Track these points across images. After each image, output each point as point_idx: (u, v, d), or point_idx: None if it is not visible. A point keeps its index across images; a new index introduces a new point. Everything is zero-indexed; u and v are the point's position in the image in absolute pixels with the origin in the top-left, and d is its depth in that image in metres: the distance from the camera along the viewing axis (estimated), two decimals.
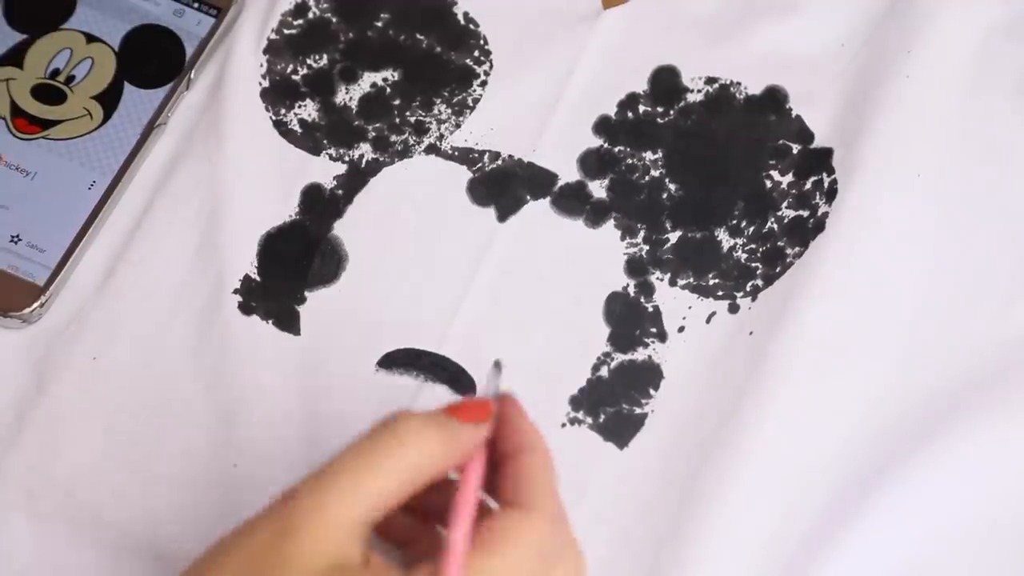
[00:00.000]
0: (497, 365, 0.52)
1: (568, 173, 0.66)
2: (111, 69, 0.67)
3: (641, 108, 0.67)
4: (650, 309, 0.64)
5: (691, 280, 0.64)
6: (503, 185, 0.66)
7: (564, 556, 0.49)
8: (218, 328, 0.62)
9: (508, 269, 0.64)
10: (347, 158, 0.66)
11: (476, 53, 0.68)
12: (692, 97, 0.68)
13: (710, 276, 0.64)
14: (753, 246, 0.65)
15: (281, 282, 0.64)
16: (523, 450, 0.50)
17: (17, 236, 0.63)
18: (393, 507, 0.48)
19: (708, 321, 0.63)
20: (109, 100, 0.66)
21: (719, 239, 0.65)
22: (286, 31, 0.68)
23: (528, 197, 0.65)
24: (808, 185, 0.65)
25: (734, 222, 0.65)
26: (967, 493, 0.59)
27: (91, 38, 0.67)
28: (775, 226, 0.65)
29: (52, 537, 0.59)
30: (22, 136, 0.65)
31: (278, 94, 0.67)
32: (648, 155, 0.66)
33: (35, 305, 0.62)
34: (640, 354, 0.63)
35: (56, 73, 0.67)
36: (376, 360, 0.62)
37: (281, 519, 0.46)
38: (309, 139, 0.66)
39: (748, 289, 0.64)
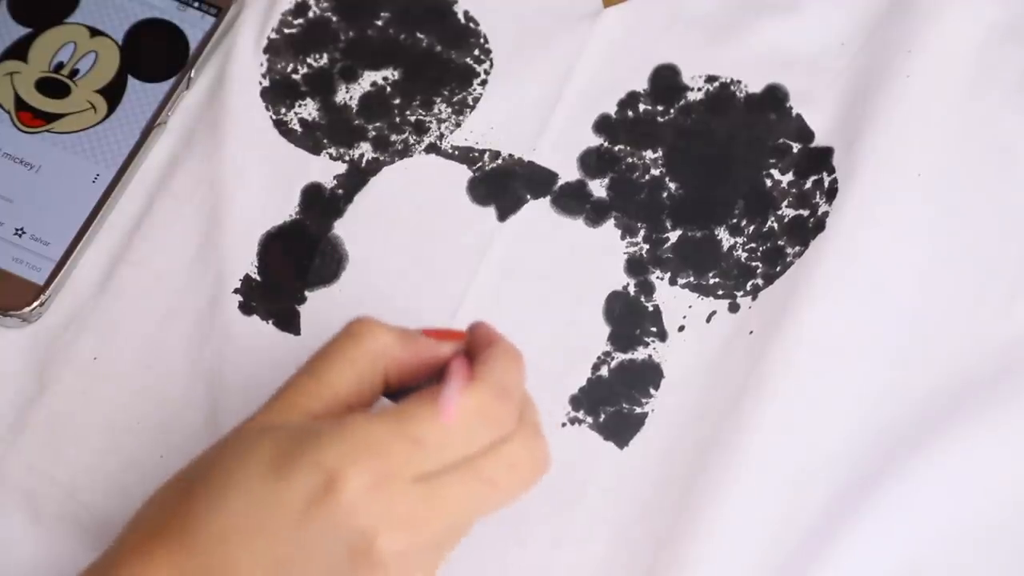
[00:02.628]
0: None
1: (568, 172, 0.66)
2: (115, 63, 0.67)
3: (641, 107, 0.67)
4: (650, 308, 0.64)
5: (691, 279, 0.64)
6: (503, 184, 0.66)
7: (520, 435, 0.51)
8: (218, 328, 0.62)
9: (508, 269, 0.64)
10: (347, 157, 0.66)
11: (476, 52, 0.68)
12: (692, 96, 0.67)
13: (710, 275, 0.64)
14: (753, 245, 0.65)
15: (281, 282, 0.64)
16: (487, 344, 0.52)
17: (21, 229, 0.63)
18: (355, 402, 0.51)
19: (708, 320, 0.63)
20: (113, 94, 0.66)
21: (719, 238, 0.65)
22: (286, 30, 0.68)
23: (528, 196, 0.65)
24: (808, 184, 0.65)
25: (734, 221, 0.65)
26: (967, 493, 0.59)
27: (95, 32, 0.67)
28: (775, 225, 0.65)
29: (52, 537, 0.59)
30: (26, 129, 0.65)
31: (278, 93, 0.67)
32: (648, 154, 0.66)
33: (35, 304, 0.62)
34: (640, 353, 0.63)
35: (60, 67, 0.67)
36: None
37: (251, 418, 0.51)
38: (309, 138, 0.66)
39: (748, 288, 0.64)
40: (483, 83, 0.68)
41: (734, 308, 0.64)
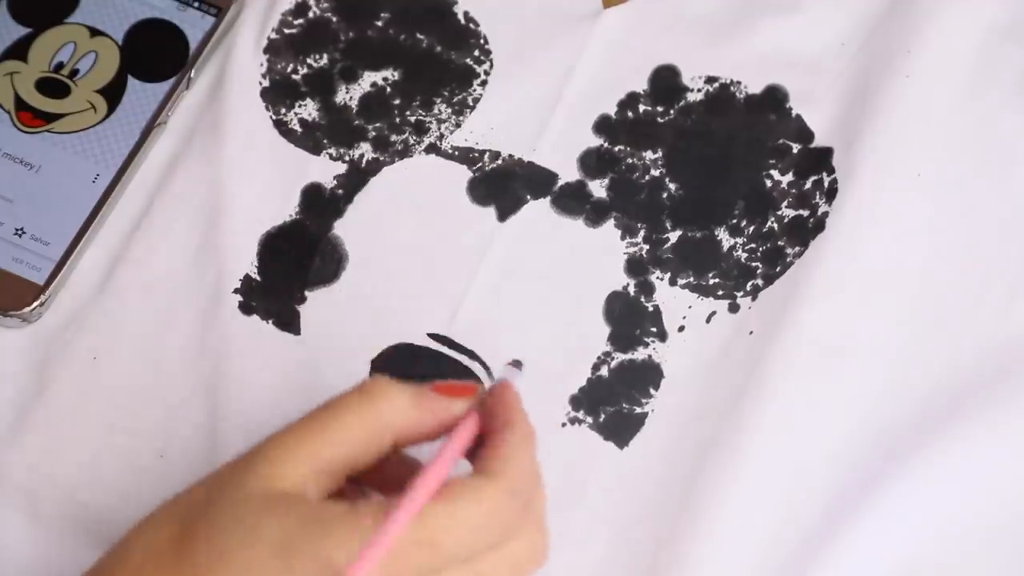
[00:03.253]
0: (516, 364, 0.53)
1: (568, 173, 0.66)
2: (115, 63, 0.67)
3: (641, 107, 0.67)
4: (650, 308, 0.64)
5: (691, 279, 0.64)
6: (503, 185, 0.66)
7: (524, 532, 0.49)
8: (218, 328, 0.62)
9: (508, 269, 0.64)
10: (347, 158, 0.66)
11: (476, 53, 0.68)
12: (692, 96, 0.67)
13: (710, 275, 0.64)
14: (753, 245, 0.65)
15: (281, 282, 0.64)
16: (505, 426, 0.50)
17: (21, 229, 0.63)
18: (360, 463, 0.49)
19: (708, 321, 0.63)
20: (113, 94, 0.66)
21: (719, 238, 0.65)
22: (286, 30, 0.68)
23: (528, 197, 0.65)
24: (808, 184, 0.65)
25: (734, 221, 0.65)
26: (967, 493, 0.59)
27: (95, 32, 0.67)
28: (775, 225, 0.65)
29: (52, 537, 0.59)
30: (26, 130, 0.65)
31: (278, 94, 0.67)
32: (648, 154, 0.66)
33: (35, 304, 0.62)
34: (640, 353, 0.63)
35: (60, 67, 0.67)
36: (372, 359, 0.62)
37: (245, 457, 0.48)
38: (309, 139, 0.66)
39: (748, 288, 0.64)
40: (483, 83, 0.68)
41: (734, 308, 0.64)
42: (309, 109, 0.67)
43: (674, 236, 0.65)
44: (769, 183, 0.66)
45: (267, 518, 0.46)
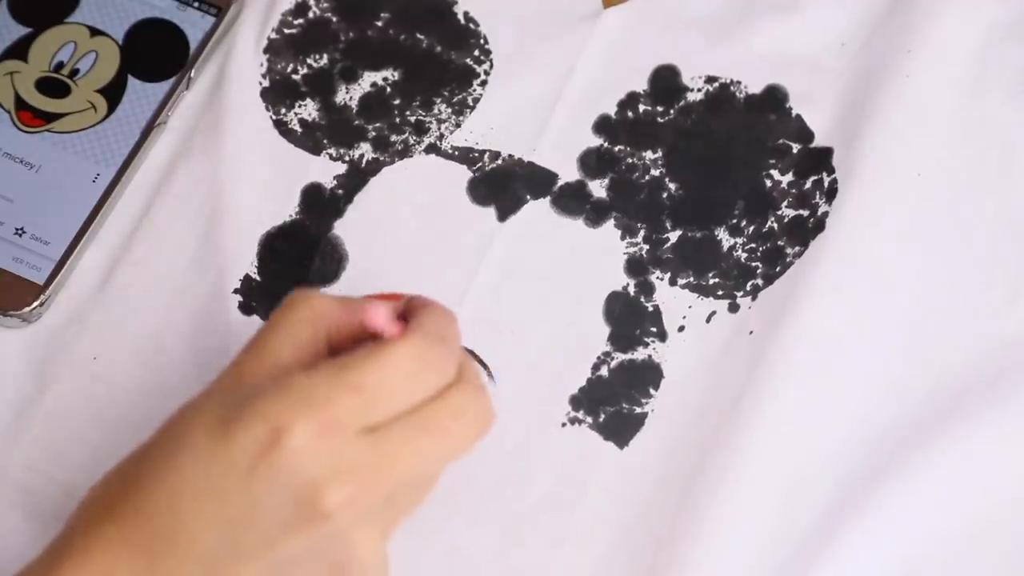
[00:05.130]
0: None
1: (568, 173, 0.66)
2: (115, 63, 0.67)
3: (641, 107, 0.67)
4: (650, 308, 0.64)
5: (691, 279, 0.64)
6: (503, 185, 0.66)
7: (462, 383, 0.51)
8: (218, 328, 0.62)
9: (508, 269, 0.64)
10: (347, 158, 0.66)
11: (476, 53, 0.68)
12: (692, 96, 0.67)
13: (710, 275, 0.64)
14: (753, 245, 0.65)
15: (281, 282, 0.64)
16: (423, 307, 0.53)
17: (21, 229, 0.64)
18: (290, 364, 0.51)
19: (708, 320, 0.63)
20: (113, 94, 0.66)
21: (719, 238, 0.65)
22: (286, 30, 0.68)
23: (528, 197, 0.65)
24: (808, 184, 0.65)
25: (734, 221, 0.65)
26: (967, 493, 0.59)
27: (95, 31, 0.67)
28: (775, 225, 0.65)
29: (51, 536, 0.59)
30: (26, 129, 0.66)
31: (278, 94, 0.67)
32: (648, 154, 0.66)
33: (35, 304, 0.62)
34: (640, 353, 0.63)
35: (60, 66, 0.67)
36: None
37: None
38: (309, 139, 0.66)
39: (748, 288, 0.64)
40: (483, 84, 0.68)
41: (734, 308, 0.64)
42: (309, 109, 0.67)
43: (674, 236, 0.65)
44: (769, 183, 0.66)
45: (206, 405, 0.50)
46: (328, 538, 0.48)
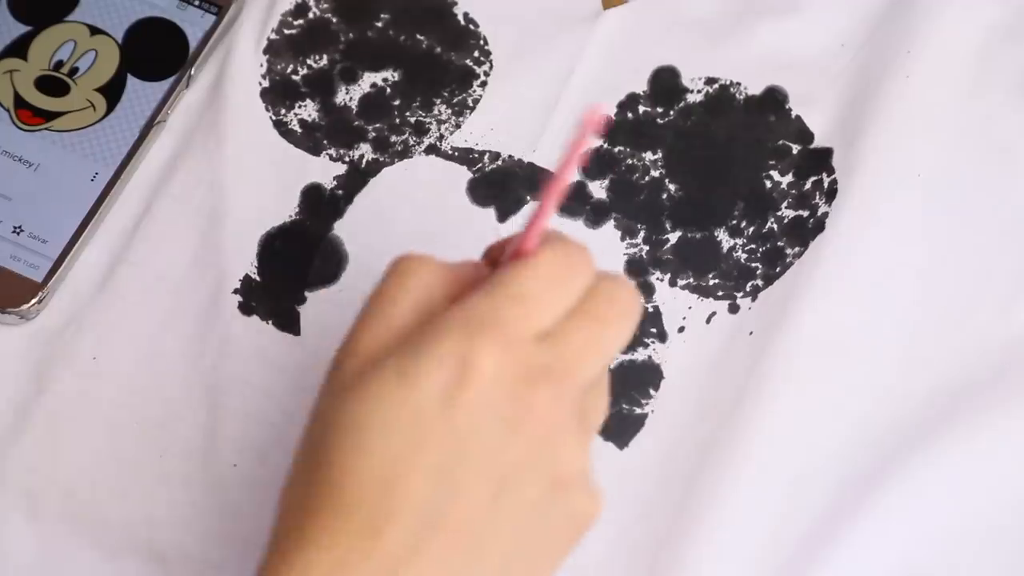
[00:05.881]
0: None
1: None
2: (114, 61, 0.67)
3: (641, 108, 0.67)
4: (650, 309, 0.64)
5: (691, 280, 0.64)
6: (503, 185, 0.66)
7: (602, 286, 0.50)
8: (218, 328, 0.62)
9: None
10: (347, 158, 0.66)
11: (476, 53, 0.68)
12: (692, 97, 0.68)
13: (710, 276, 0.64)
14: (753, 246, 0.65)
15: (281, 282, 0.64)
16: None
17: (19, 227, 0.64)
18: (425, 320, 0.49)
19: (708, 321, 0.63)
20: (112, 92, 0.66)
21: (719, 239, 0.65)
22: (286, 31, 0.68)
23: (528, 197, 0.65)
24: (808, 185, 0.65)
25: (734, 222, 0.65)
26: (967, 493, 0.59)
27: (95, 30, 0.68)
28: (775, 226, 0.65)
29: (52, 537, 0.59)
30: (26, 127, 0.66)
31: (278, 94, 0.67)
32: (648, 155, 0.66)
33: (33, 301, 0.62)
34: (640, 354, 0.63)
35: (60, 65, 0.67)
36: None
37: (325, 376, 0.50)
38: (309, 139, 0.66)
39: (748, 289, 0.64)
40: (483, 84, 0.68)
41: (734, 309, 0.64)
42: (309, 110, 0.67)
43: (674, 237, 0.65)
44: (769, 184, 0.66)
45: (372, 375, 0.47)
46: (542, 449, 0.47)
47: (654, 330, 0.63)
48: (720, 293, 0.64)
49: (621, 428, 0.61)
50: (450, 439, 0.46)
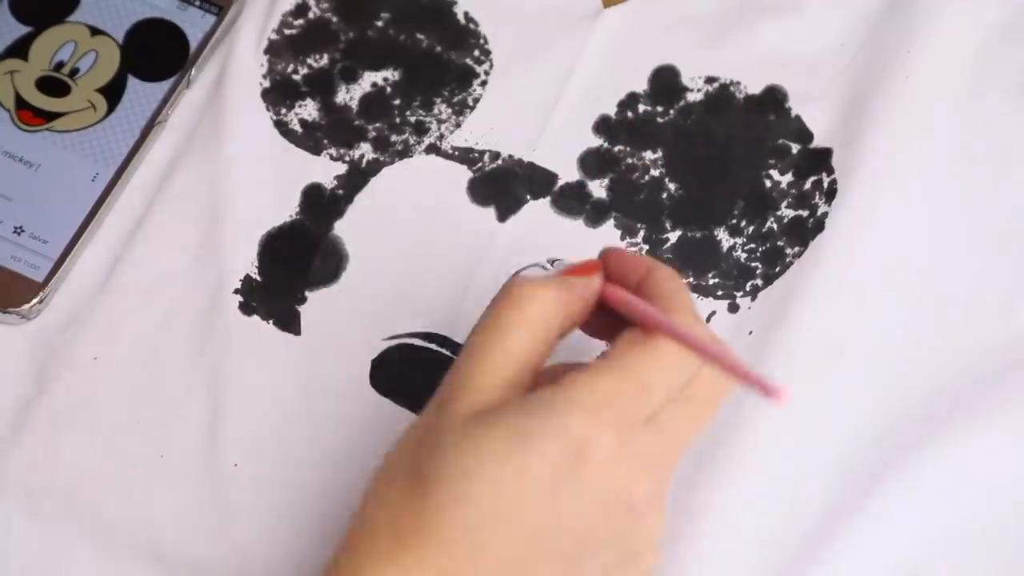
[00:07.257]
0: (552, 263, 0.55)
1: (568, 173, 0.66)
2: (115, 62, 0.67)
3: (641, 108, 0.67)
4: None
5: (691, 280, 0.64)
6: (503, 185, 0.66)
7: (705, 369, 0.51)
8: (218, 328, 0.62)
9: (508, 269, 0.64)
10: (347, 158, 0.66)
11: (476, 53, 0.68)
12: (692, 97, 0.68)
13: (710, 276, 0.64)
14: (753, 246, 0.65)
15: (281, 282, 0.64)
16: (648, 271, 0.53)
17: (20, 227, 0.64)
18: (537, 362, 0.51)
19: (708, 321, 0.63)
20: (113, 93, 0.67)
21: (719, 239, 0.65)
22: (286, 31, 0.68)
23: (528, 197, 0.65)
24: (808, 185, 0.65)
25: (734, 222, 0.65)
26: (967, 492, 0.59)
27: (95, 31, 0.68)
28: (775, 226, 0.65)
29: (52, 537, 0.59)
30: (26, 128, 0.66)
31: (279, 94, 0.67)
32: (648, 155, 0.66)
33: (34, 301, 0.62)
34: None
35: (60, 65, 0.67)
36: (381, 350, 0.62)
37: (436, 403, 0.51)
38: (309, 139, 0.66)
39: (748, 289, 0.64)
40: (483, 84, 0.68)
41: (733, 308, 0.64)
42: (309, 109, 0.67)
43: (674, 236, 0.65)
44: (769, 183, 0.66)
45: (490, 423, 0.48)
46: (631, 531, 0.49)
47: None
48: (720, 292, 0.64)
49: None
50: (550, 512, 0.48)
